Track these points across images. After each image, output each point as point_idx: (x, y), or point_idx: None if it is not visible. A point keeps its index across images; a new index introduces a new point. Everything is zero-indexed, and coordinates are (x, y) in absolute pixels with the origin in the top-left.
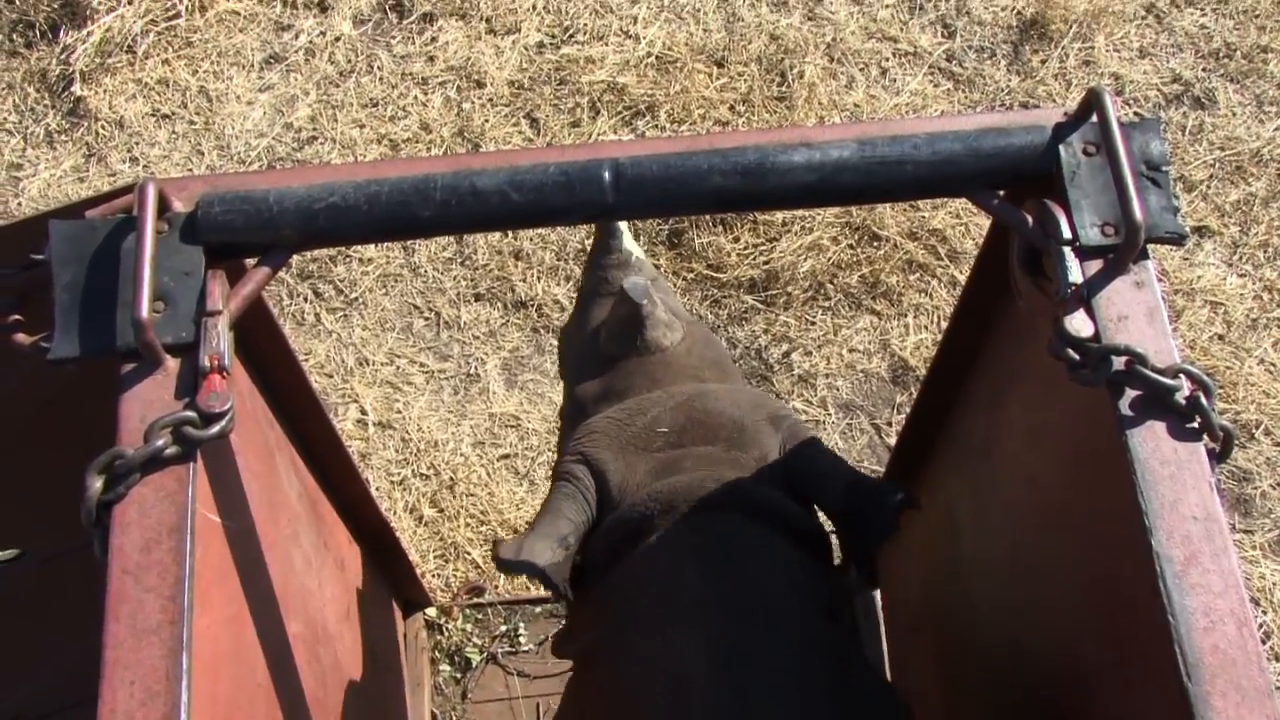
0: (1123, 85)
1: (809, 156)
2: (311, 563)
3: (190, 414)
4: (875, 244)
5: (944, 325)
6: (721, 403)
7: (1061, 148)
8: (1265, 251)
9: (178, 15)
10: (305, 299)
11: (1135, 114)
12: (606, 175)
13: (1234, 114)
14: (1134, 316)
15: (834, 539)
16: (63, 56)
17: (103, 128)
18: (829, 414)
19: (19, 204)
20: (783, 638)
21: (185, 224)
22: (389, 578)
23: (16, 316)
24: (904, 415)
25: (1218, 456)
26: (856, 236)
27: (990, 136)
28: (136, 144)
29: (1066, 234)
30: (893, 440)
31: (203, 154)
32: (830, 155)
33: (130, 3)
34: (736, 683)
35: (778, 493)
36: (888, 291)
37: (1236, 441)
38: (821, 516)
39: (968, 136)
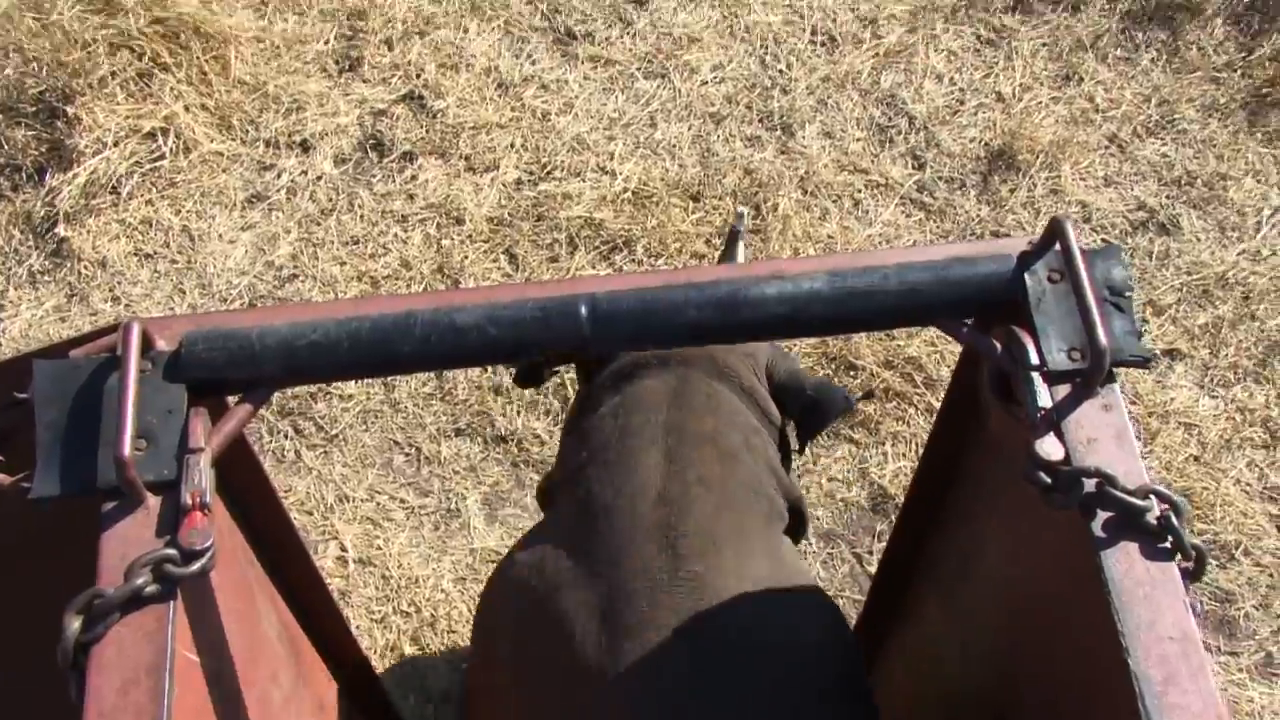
0: (1090, 213)
1: (781, 289)
2: (291, 702)
3: (171, 551)
4: (851, 373)
5: (921, 451)
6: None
7: (1027, 276)
8: (1235, 373)
9: (162, 157)
10: (286, 435)
11: (1102, 240)
12: (583, 310)
13: (1198, 239)
14: (1103, 439)
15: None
16: (48, 199)
17: (85, 268)
18: (809, 544)
19: (0, 345)
20: (727, 469)
21: (169, 362)
22: (368, 718)
23: None
24: (885, 544)
25: (1192, 575)
26: (833, 366)
27: (958, 266)
28: (119, 283)
29: (1034, 359)
30: (874, 569)
31: (184, 292)
32: (802, 287)
33: (116, 145)
34: (684, 497)
35: (746, 360)
36: (865, 420)
37: (1218, 563)
38: None
39: (936, 266)
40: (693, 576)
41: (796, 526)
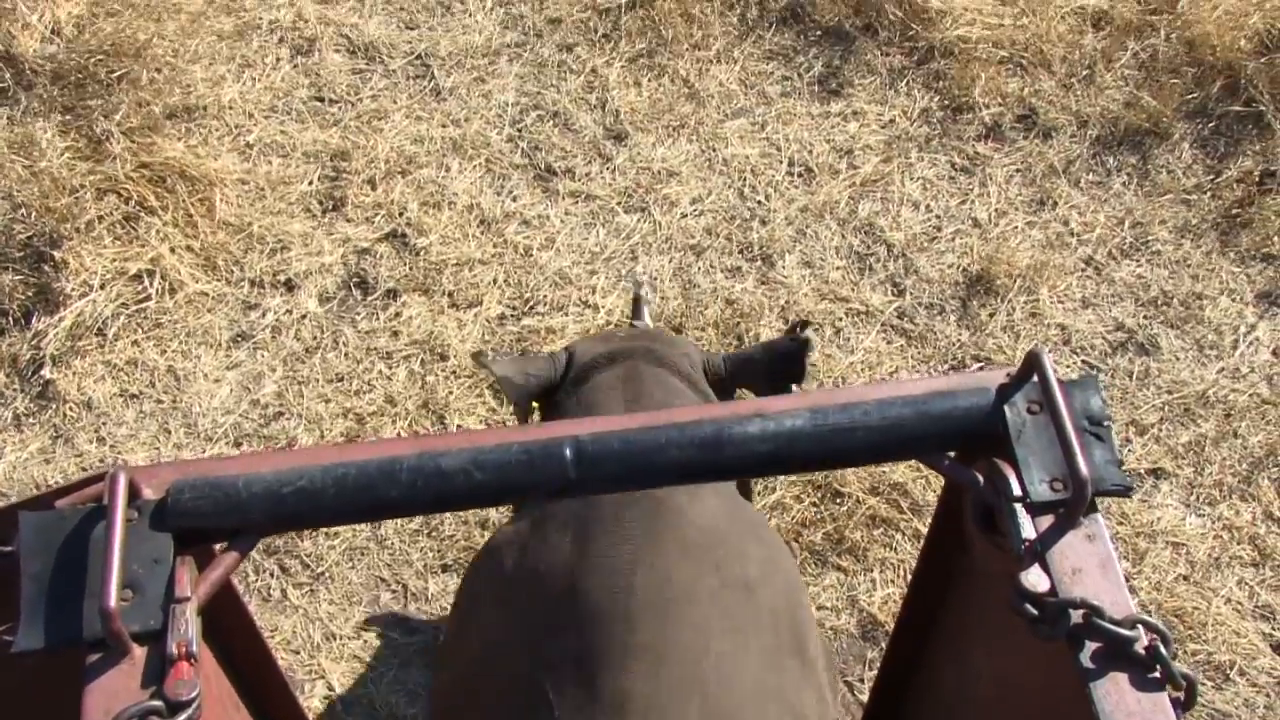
0: (1069, 335)
1: (764, 427)
2: None
3: (157, 703)
4: (838, 500)
5: (910, 578)
6: None
7: (1007, 408)
8: (1220, 490)
9: (148, 298)
10: (271, 574)
11: (1083, 362)
12: (568, 453)
13: (1177, 358)
14: (1088, 569)
15: None
16: (34, 342)
17: (71, 409)
18: None
19: None
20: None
21: (155, 511)
22: None
23: None
24: (875, 671)
25: (1183, 705)
26: (819, 495)
27: (938, 400)
28: (104, 424)
29: (1017, 491)
30: (865, 696)
31: (170, 432)
32: (784, 425)
33: (103, 288)
34: None
35: (683, 357)
36: (853, 547)
37: (1213, 684)
38: None
39: (916, 401)
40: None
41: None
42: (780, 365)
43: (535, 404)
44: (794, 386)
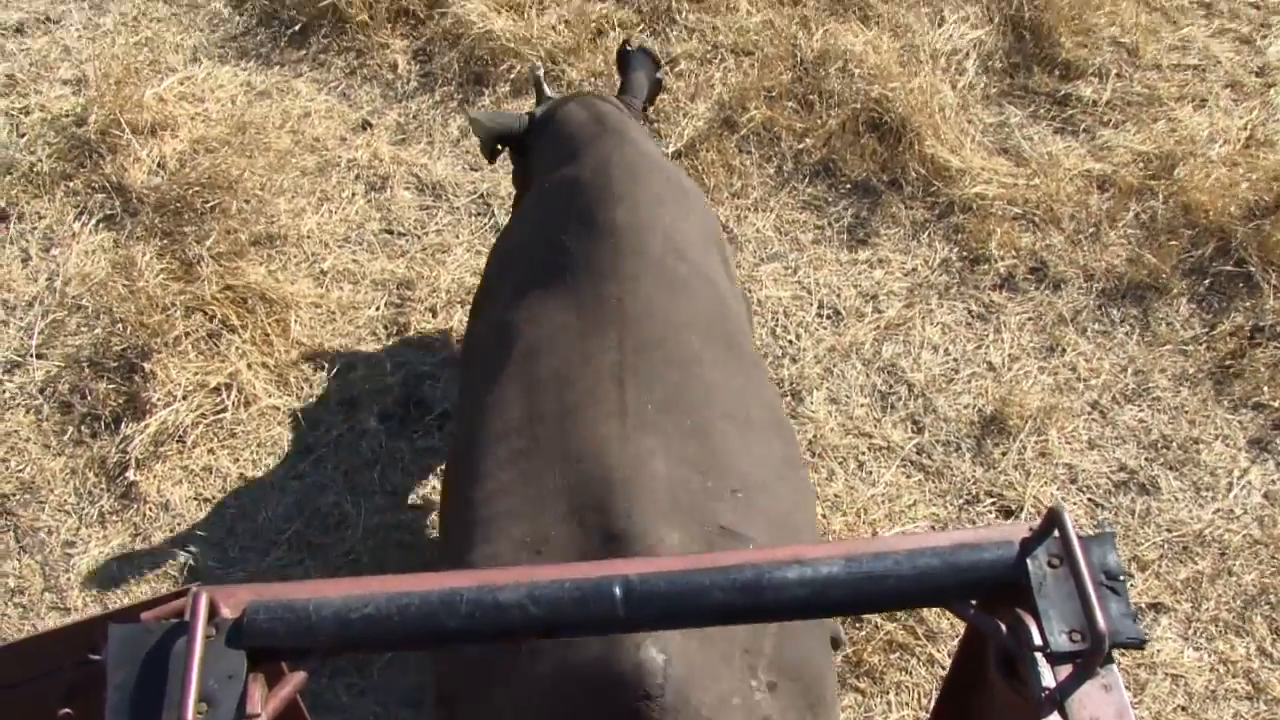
0: (1075, 474)
1: (801, 573)
2: None
3: None
4: (857, 625)
5: (924, 701)
6: None
7: (1028, 561)
8: (1216, 625)
9: (225, 410)
10: (323, 677)
11: (1089, 500)
12: (617, 591)
13: (1176, 499)
14: (1104, 718)
15: None
16: (121, 446)
17: (150, 509)
18: None
19: (69, 578)
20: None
21: (232, 630)
22: None
23: (66, 710)
24: None
25: None
26: (843, 619)
27: (964, 552)
28: (179, 525)
29: (1038, 641)
30: None
31: (237, 535)
32: (820, 572)
33: (185, 398)
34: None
35: (616, 97)
36: (870, 670)
37: None
38: None
39: (944, 552)
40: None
41: None
42: (654, 89)
43: (502, 148)
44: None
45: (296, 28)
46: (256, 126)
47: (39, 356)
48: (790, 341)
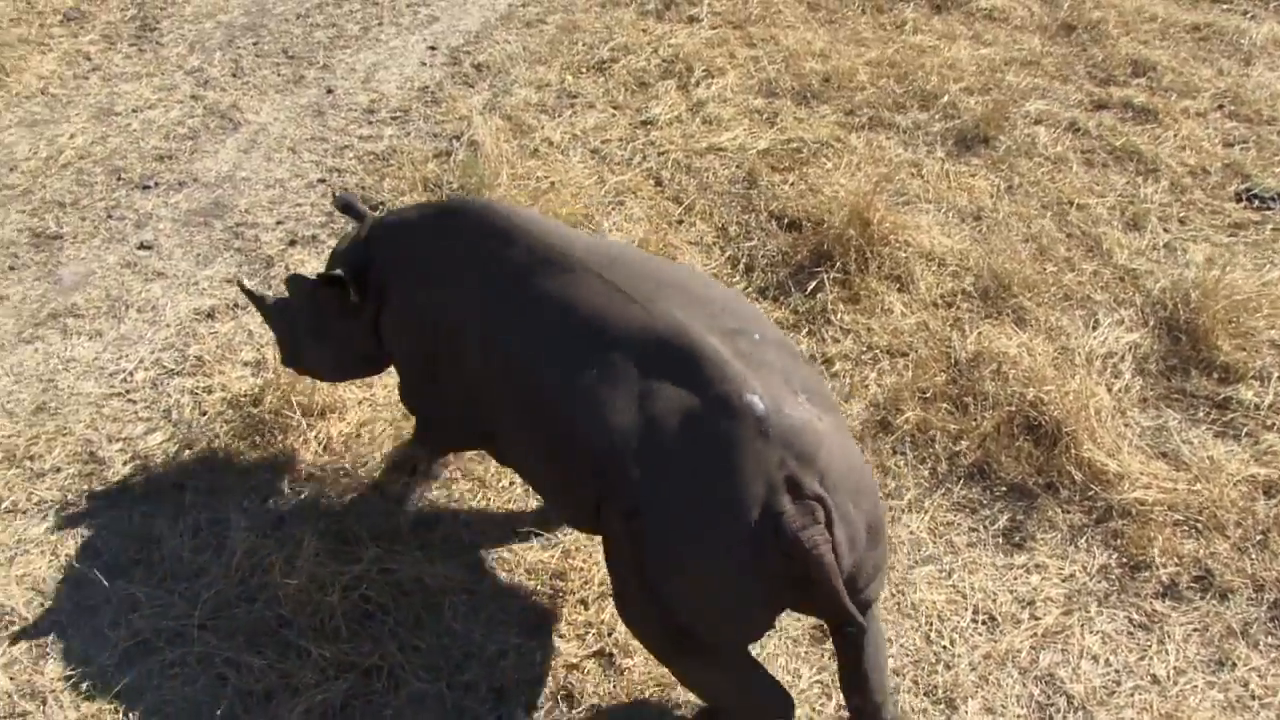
0: None
1: None
2: None
3: None
4: None
5: None
6: None
7: None
8: None
9: (375, 692)
10: None
11: None
12: None
13: None
14: None
15: None
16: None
17: None
18: None
19: None
20: None
21: None
22: None
23: None
24: None
25: None
26: None
27: None
28: None
29: None
30: None
31: None
32: None
33: (337, 678)
34: None
35: None
36: None
37: None
38: None
39: None
40: None
41: None
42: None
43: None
44: None
45: None
46: None
47: (200, 628)
48: (944, 647)
